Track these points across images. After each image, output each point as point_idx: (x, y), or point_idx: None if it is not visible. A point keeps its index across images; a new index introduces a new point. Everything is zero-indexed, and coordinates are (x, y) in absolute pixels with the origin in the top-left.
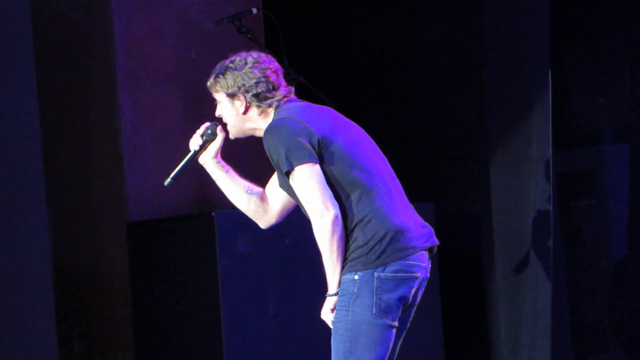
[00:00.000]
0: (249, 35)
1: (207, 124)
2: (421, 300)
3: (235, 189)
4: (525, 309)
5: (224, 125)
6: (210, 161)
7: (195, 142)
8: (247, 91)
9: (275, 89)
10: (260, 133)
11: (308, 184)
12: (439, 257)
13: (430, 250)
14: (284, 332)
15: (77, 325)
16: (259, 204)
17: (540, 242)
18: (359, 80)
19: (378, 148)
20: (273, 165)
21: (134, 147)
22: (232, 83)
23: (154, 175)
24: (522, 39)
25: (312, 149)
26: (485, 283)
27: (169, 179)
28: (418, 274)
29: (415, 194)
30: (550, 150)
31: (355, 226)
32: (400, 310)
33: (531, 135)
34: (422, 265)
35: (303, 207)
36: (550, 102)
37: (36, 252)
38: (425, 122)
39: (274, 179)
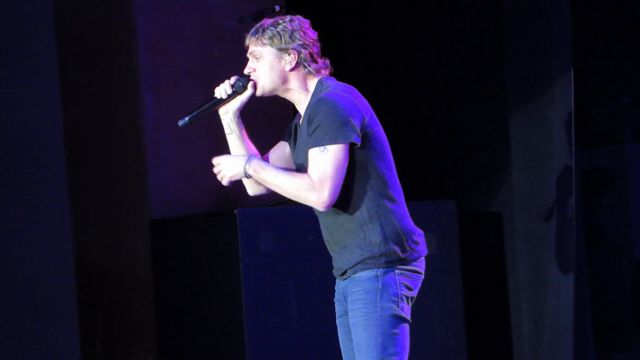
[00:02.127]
0: None
1: (237, 76)
2: (444, 297)
3: (242, 151)
4: (547, 306)
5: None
6: (231, 114)
7: (222, 90)
8: (304, 47)
9: (320, 56)
10: (292, 95)
11: (334, 165)
12: (461, 255)
13: None
14: (306, 330)
15: (99, 323)
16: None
17: (562, 240)
18: (379, 79)
19: None
20: (307, 128)
21: (156, 145)
22: (288, 37)
23: (176, 173)
24: (544, 37)
25: (359, 133)
26: (507, 281)
27: (184, 120)
28: (423, 276)
29: (437, 193)
30: (573, 149)
31: (374, 218)
32: None
33: (553, 133)
34: (423, 268)
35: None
36: (573, 100)
37: (59, 250)
38: (447, 120)
39: (277, 152)
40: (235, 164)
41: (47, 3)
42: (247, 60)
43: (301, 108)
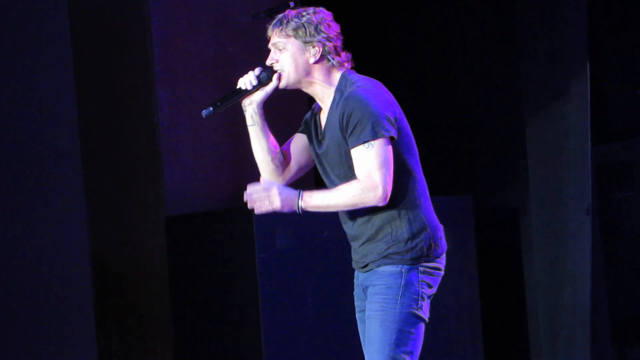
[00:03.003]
0: None
1: (261, 68)
2: (460, 292)
3: (263, 143)
4: (563, 301)
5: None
6: (254, 106)
7: (247, 81)
8: (328, 40)
9: (343, 50)
10: (314, 88)
11: (382, 157)
12: (478, 250)
13: None
14: (322, 325)
15: (116, 320)
16: (279, 165)
17: (578, 234)
18: (395, 75)
19: None
20: (340, 126)
21: (172, 142)
22: (313, 30)
23: (192, 170)
24: (559, 32)
25: (395, 127)
26: (523, 276)
27: (209, 109)
28: (443, 272)
29: (453, 188)
30: (589, 143)
31: (402, 214)
32: None
33: (569, 128)
34: (444, 264)
35: (337, 173)
36: (589, 94)
37: (75, 247)
38: (463, 115)
39: (296, 144)
40: (288, 199)
41: (62, 1)
42: (262, 55)
43: (325, 102)
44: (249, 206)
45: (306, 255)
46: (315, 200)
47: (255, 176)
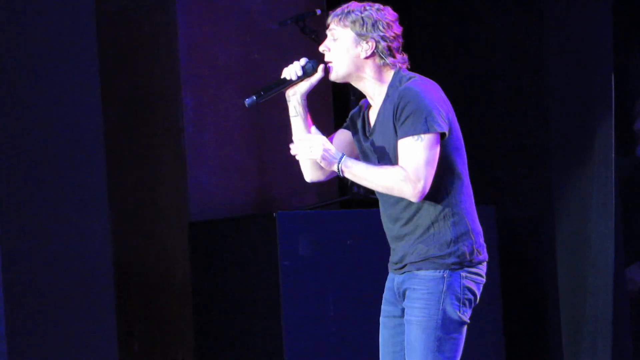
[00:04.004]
0: (313, 36)
1: (307, 58)
2: (483, 303)
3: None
4: (585, 313)
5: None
6: (298, 96)
7: (292, 72)
8: (383, 39)
9: (400, 52)
10: (364, 83)
11: (430, 153)
12: (501, 260)
13: None
14: (344, 334)
15: (138, 324)
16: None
17: (601, 245)
18: None
19: None
20: (394, 116)
21: (196, 147)
22: (370, 26)
23: (216, 176)
24: (584, 43)
25: (447, 124)
26: (546, 286)
27: (252, 98)
28: (485, 280)
29: (477, 197)
30: (613, 155)
31: (447, 216)
32: None
33: (594, 139)
34: (485, 272)
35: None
36: (613, 106)
37: (98, 251)
38: (487, 125)
39: (339, 139)
40: (329, 157)
41: (89, 4)
42: (287, 62)
43: (375, 100)
44: (292, 152)
45: (329, 263)
46: (357, 169)
47: (278, 182)
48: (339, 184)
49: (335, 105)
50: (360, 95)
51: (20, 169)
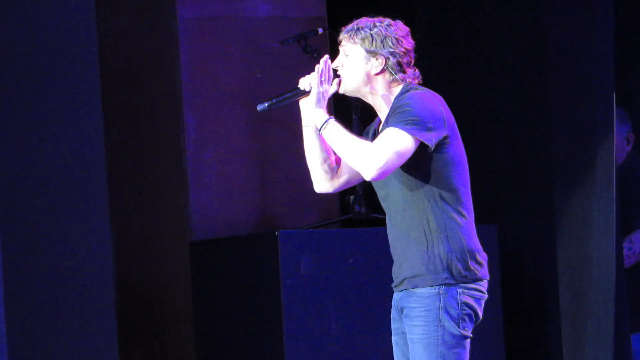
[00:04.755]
0: (315, 55)
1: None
2: (484, 321)
3: (316, 144)
4: (587, 333)
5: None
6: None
7: (307, 83)
8: (393, 55)
9: (410, 67)
10: (373, 98)
11: (399, 147)
12: (502, 279)
13: None
14: (346, 352)
15: (139, 343)
16: (330, 170)
17: (603, 265)
18: None
19: None
20: (389, 116)
21: (198, 166)
22: (379, 43)
23: (217, 194)
24: (587, 63)
25: (434, 138)
26: (547, 306)
27: (264, 105)
28: (486, 296)
29: (478, 216)
30: (614, 173)
31: (440, 230)
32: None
33: (595, 158)
34: (486, 289)
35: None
36: (614, 125)
37: (100, 270)
38: (489, 143)
39: None
40: (322, 104)
41: (91, 23)
42: (290, 81)
43: (382, 114)
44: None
45: (331, 282)
46: (337, 132)
47: (280, 201)
48: (340, 203)
49: None
50: (362, 114)
51: (23, 187)
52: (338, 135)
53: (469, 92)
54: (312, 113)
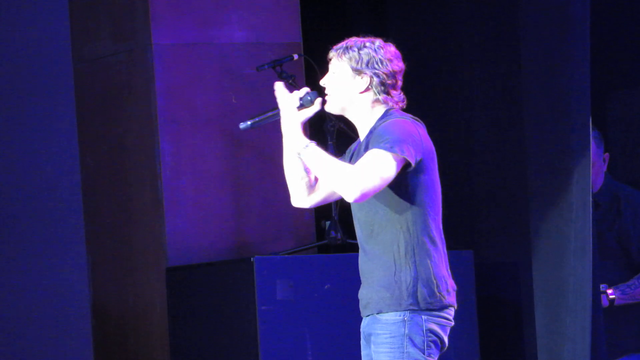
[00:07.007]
0: (290, 81)
1: (308, 89)
2: (460, 347)
3: (298, 164)
4: (564, 358)
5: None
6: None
7: (288, 102)
8: (376, 75)
9: (396, 89)
10: (356, 117)
11: (384, 168)
12: (478, 305)
13: None
14: None
15: None
16: (308, 187)
17: (579, 290)
18: None
19: None
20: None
21: (173, 192)
22: (366, 62)
23: (193, 221)
24: (562, 89)
25: (415, 157)
26: (523, 331)
27: (246, 123)
28: (453, 323)
29: (454, 242)
30: (591, 198)
31: (409, 255)
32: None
33: (571, 183)
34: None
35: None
36: (590, 151)
37: (75, 296)
38: (464, 168)
39: None
40: (297, 132)
41: (66, 49)
42: (266, 106)
43: (362, 132)
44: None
45: (307, 308)
46: (317, 156)
47: (255, 227)
48: (316, 229)
49: None
50: (339, 139)
51: None
52: (319, 159)
53: (444, 119)
54: (288, 138)
